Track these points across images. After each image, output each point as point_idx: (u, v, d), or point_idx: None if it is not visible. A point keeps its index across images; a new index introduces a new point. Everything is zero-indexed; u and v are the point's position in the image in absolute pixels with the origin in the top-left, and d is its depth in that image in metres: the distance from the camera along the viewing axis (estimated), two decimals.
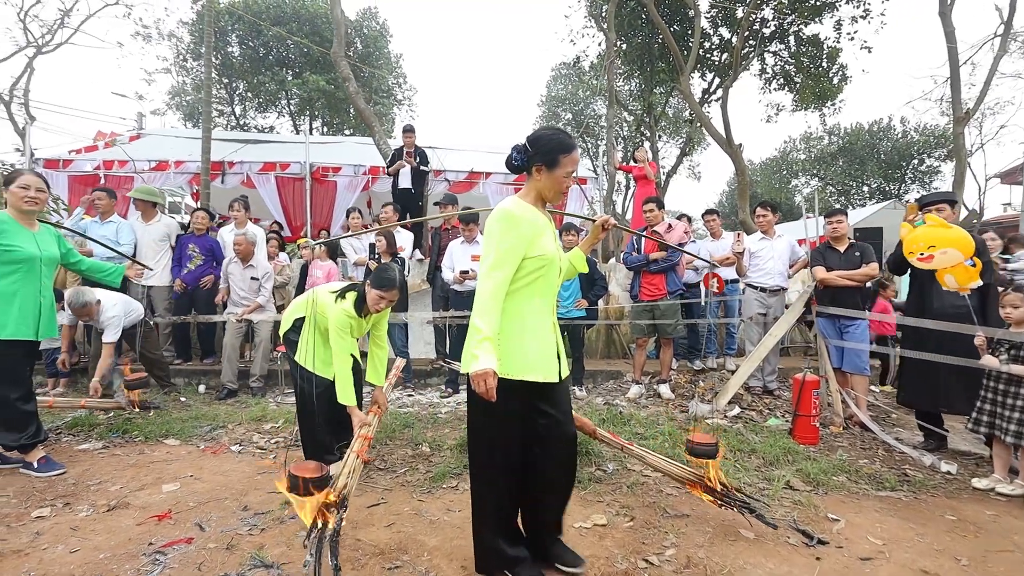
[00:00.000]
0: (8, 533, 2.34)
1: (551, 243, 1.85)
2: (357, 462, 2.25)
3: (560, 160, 1.82)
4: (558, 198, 1.88)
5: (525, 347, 1.78)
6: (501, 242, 1.73)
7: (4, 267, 2.93)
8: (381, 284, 2.78)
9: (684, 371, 5.61)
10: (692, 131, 13.65)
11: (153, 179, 9.10)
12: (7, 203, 3.04)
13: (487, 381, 1.61)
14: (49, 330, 3.14)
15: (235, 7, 16.73)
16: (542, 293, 1.85)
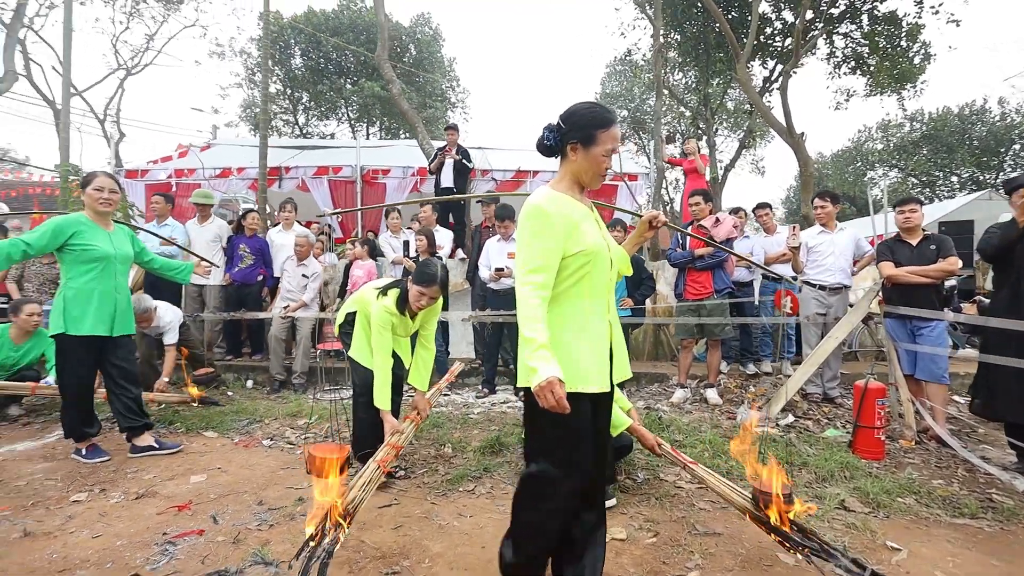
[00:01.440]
0: (45, 515, 2.46)
1: (594, 233, 1.60)
2: (377, 473, 2.17)
3: (597, 136, 1.56)
4: (597, 181, 1.64)
5: (577, 355, 1.54)
6: (534, 243, 1.51)
7: (82, 266, 3.08)
8: (422, 280, 2.70)
9: (735, 375, 5.24)
10: (752, 123, 12.89)
11: (217, 185, 9.68)
12: (84, 205, 3.21)
13: (555, 391, 1.35)
14: (124, 327, 3.26)
15: (297, 21, 17.53)
16: (591, 292, 1.59)
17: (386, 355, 2.77)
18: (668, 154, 8.30)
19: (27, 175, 19.69)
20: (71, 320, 3.04)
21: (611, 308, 1.67)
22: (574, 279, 1.57)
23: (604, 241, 1.64)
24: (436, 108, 20.35)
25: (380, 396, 2.72)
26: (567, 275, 1.56)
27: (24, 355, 4.09)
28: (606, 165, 1.61)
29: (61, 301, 3.06)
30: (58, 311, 3.06)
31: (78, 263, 3.07)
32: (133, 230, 3.55)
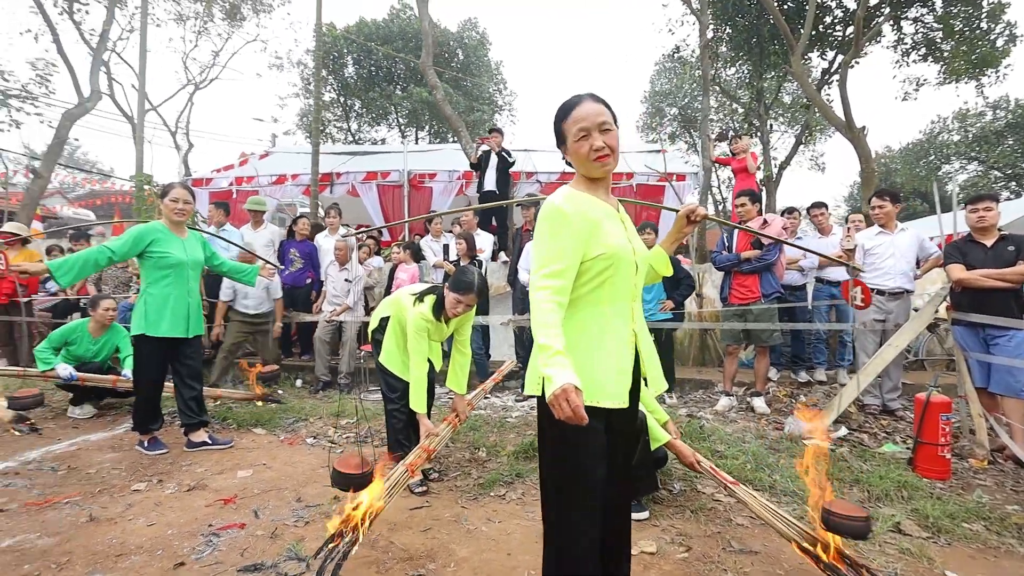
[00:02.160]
0: (110, 502, 2.66)
1: (617, 235, 1.49)
2: (405, 475, 2.19)
3: (564, 129, 1.48)
4: (595, 168, 1.49)
5: (593, 366, 1.43)
6: (550, 244, 1.41)
7: (158, 271, 3.29)
8: (458, 288, 2.69)
9: (785, 383, 5.00)
10: (810, 117, 12.22)
11: (273, 191, 10.19)
12: (161, 213, 3.43)
13: (571, 399, 1.20)
14: (197, 328, 3.48)
15: (349, 32, 18.16)
16: (613, 298, 1.47)
17: (421, 360, 2.77)
18: (720, 153, 8.03)
19: (110, 185, 21.39)
20: (150, 323, 3.24)
21: (637, 316, 1.54)
22: (594, 283, 1.46)
23: (629, 243, 1.52)
24: (483, 111, 20.56)
25: (415, 399, 2.73)
26: (587, 279, 1.46)
27: (101, 348, 4.38)
28: (587, 149, 1.45)
29: (142, 304, 3.28)
30: (139, 314, 3.27)
31: (155, 269, 3.27)
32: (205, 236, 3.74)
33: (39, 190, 10.29)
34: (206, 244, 3.61)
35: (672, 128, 21.97)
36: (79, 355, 4.27)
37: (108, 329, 4.40)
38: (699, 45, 8.12)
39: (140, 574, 2.01)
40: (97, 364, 4.34)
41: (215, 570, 2.02)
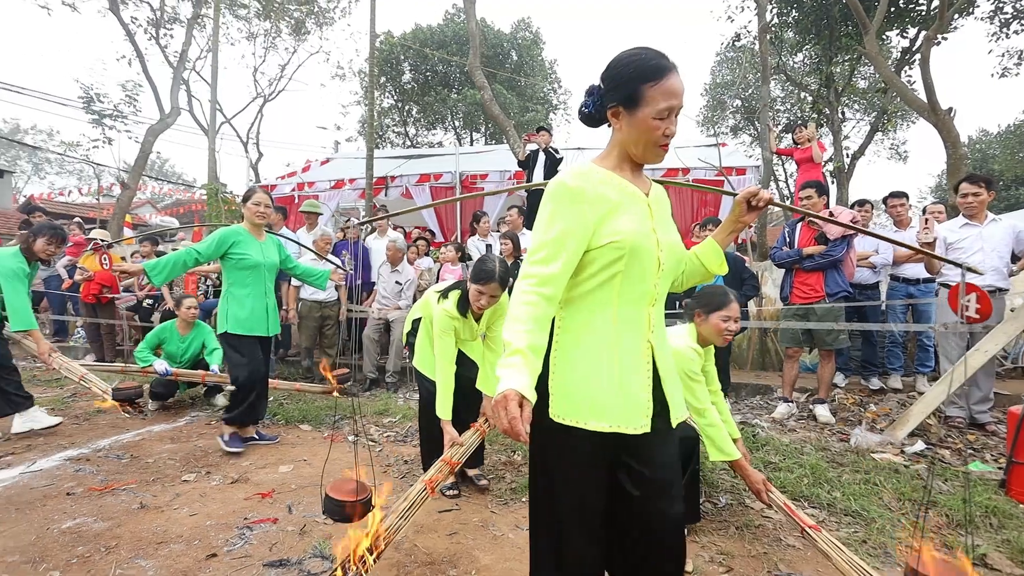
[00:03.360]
0: (160, 491, 2.80)
1: (637, 221, 1.23)
2: (423, 494, 2.04)
3: (644, 93, 1.18)
4: (652, 153, 1.24)
5: (585, 377, 1.20)
6: (548, 227, 1.18)
7: (239, 272, 3.42)
8: (477, 277, 2.50)
9: (855, 390, 4.58)
10: (887, 102, 11.23)
11: (332, 196, 10.61)
12: (243, 217, 3.57)
13: (508, 407, 1.00)
14: (275, 327, 3.60)
15: (405, 39, 18.64)
16: (623, 300, 1.22)
17: (448, 362, 2.60)
18: (787, 145, 7.53)
19: (191, 194, 23.10)
20: (234, 321, 3.38)
21: (656, 324, 1.27)
22: (601, 279, 1.22)
23: (653, 234, 1.24)
24: (537, 111, 20.50)
25: (442, 405, 2.56)
26: (591, 273, 1.22)
27: (189, 345, 4.62)
28: (662, 131, 1.20)
29: (225, 303, 3.43)
30: (223, 313, 3.42)
31: (236, 270, 3.41)
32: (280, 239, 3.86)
33: (127, 200, 11.24)
34: (281, 247, 3.73)
35: (734, 120, 20.99)
36: (171, 352, 4.53)
37: (194, 327, 4.62)
38: (758, 28, 7.65)
39: (175, 562, 2.08)
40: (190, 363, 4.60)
41: (243, 563, 2.07)
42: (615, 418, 1.20)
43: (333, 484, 1.71)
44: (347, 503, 1.66)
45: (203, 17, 13.54)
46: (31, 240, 3.65)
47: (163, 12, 13.23)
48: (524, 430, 0.99)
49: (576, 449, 1.21)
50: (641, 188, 1.30)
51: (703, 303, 2.29)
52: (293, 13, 16.67)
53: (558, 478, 1.24)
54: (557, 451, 1.22)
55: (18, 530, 2.34)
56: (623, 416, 1.20)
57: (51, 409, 4.30)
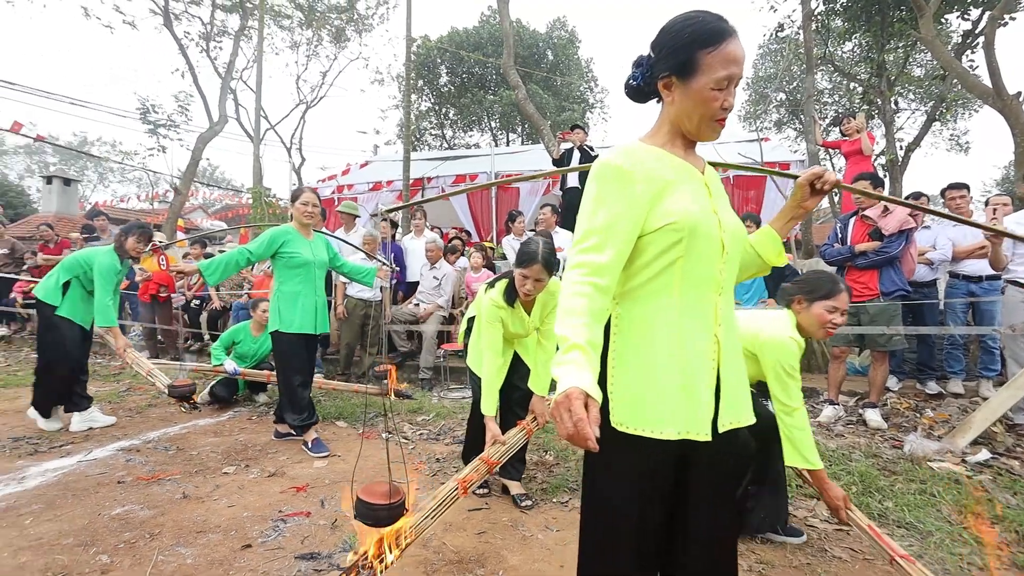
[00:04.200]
0: (203, 482, 2.90)
1: (696, 201, 1.11)
2: (455, 493, 1.96)
3: (700, 60, 1.06)
4: (708, 128, 1.12)
5: (648, 380, 1.08)
6: (596, 210, 1.07)
7: (289, 271, 3.45)
8: (521, 260, 2.34)
9: (910, 394, 4.31)
10: (946, 89, 10.56)
11: (371, 198, 10.83)
12: (292, 216, 3.63)
13: (573, 408, 0.88)
14: (323, 325, 3.58)
15: (441, 43, 18.87)
16: (685, 288, 1.10)
17: (495, 354, 2.48)
18: (832, 137, 7.19)
19: (238, 199, 24.08)
20: (284, 319, 3.43)
21: (723, 316, 1.14)
22: (659, 266, 1.10)
23: (715, 215, 1.13)
24: (574, 111, 20.38)
25: (487, 400, 2.45)
26: (648, 260, 1.10)
27: (260, 346, 4.75)
28: (720, 103, 1.08)
29: (275, 302, 3.49)
30: (274, 310, 3.48)
31: (286, 268, 3.47)
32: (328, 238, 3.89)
33: (179, 205, 11.79)
34: (330, 246, 3.76)
35: (778, 115, 20.27)
36: (243, 352, 4.68)
37: (266, 329, 4.76)
38: (802, 16, 7.33)
39: (212, 551, 2.14)
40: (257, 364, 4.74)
41: (275, 555, 2.11)
42: (683, 423, 1.07)
43: (365, 487, 1.67)
44: (379, 508, 1.62)
45: (249, 29, 14.08)
46: (123, 239, 3.88)
47: (213, 26, 13.83)
48: (593, 434, 0.87)
49: (641, 461, 1.08)
50: (696, 166, 1.18)
51: (806, 289, 2.06)
52: (334, 21, 17.14)
53: (619, 494, 1.11)
54: (619, 464, 1.09)
55: (73, 514, 2.46)
56: (691, 421, 1.08)
57: (107, 403, 4.54)
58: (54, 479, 2.92)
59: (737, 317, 1.26)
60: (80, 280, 3.82)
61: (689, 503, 1.14)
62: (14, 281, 7.99)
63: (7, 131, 12.82)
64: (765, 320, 2.10)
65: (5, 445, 3.44)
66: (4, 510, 2.51)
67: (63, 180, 17.67)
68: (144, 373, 4.12)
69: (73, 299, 3.80)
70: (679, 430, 1.07)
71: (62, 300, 3.77)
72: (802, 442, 1.96)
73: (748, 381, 1.25)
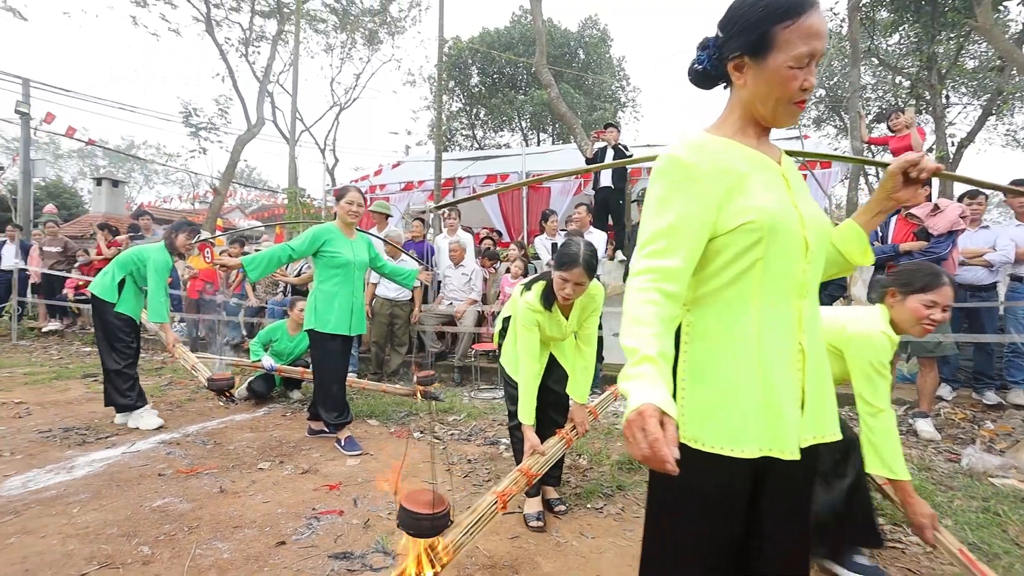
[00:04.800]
0: (239, 476, 2.95)
1: (775, 195, 1.02)
2: (494, 507, 1.85)
3: (777, 36, 0.97)
4: (785, 112, 1.02)
5: (733, 394, 1.00)
6: (662, 211, 0.99)
7: (329, 271, 3.42)
8: (560, 263, 2.22)
9: (965, 404, 4.07)
10: (1003, 81, 9.97)
11: (402, 198, 10.94)
12: (335, 215, 3.61)
13: (648, 428, 0.79)
14: (359, 327, 3.55)
15: (472, 43, 18.94)
16: (765, 293, 1.01)
17: (532, 360, 2.37)
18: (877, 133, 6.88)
19: (274, 199, 24.71)
20: (320, 319, 3.42)
21: (807, 322, 1.05)
22: (735, 270, 1.01)
23: (795, 209, 1.03)
24: (605, 110, 20.17)
25: (523, 408, 2.33)
26: (723, 264, 1.02)
27: (297, 345, 4.82)
28: (797, 83, 0.98)
29: (313, 300, 3.49)
30: (311, 309, 3.48)
31: (327, 267, 3.46)
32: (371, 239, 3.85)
33: (219, 205, 12.17)
34: (371, 246, 3.73)
35: (817, 111, 19.60)
36: (279, 350, 4.76)
37: (302, 327, 4.85)
38: (847, 7, 7.04)
39: (248, 547, 2.16)
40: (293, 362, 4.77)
41: (309, 552, 2.11)
42: (765, 440, 0.98)
43: (409, 495, 1.62)
44: (423, 517, 1.57)
45: (286, 33, 14.43)
46: (173, 236, 4.00)
47: (251, 31, 14.23)
48: (672, 454, 0.78)
49: (715, 480, 1.00)
50: (771, 156, 1.09)
51: (901, 281, 1.89)
52: (367, 24, 17.41)
53: (689, 515, 1.04)
54: (691, 483, 0.98)
55: (117, 505, 2.53)
56: (774, 438, 0.99)
57: (150, 396, 4.68)
58: (100, 469, 3.01)
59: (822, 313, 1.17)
60: (133, 277, 3.94)
61: (764, 521, 1.05)
62: (66, 278, 8.37)
63: (63, 135, 13.47)
64: (853, 314, 1.93)
65: (56, 435, 3.58)
66: (55, 498, 2.61)
67: (112, 182, 18.47)
68: (189, 367, 4.23)
69: (127, 296, 3.91)
70: (760, 447, 0.98)
71: (119, 297, 3.88)
72: (887, 448, 1.78)
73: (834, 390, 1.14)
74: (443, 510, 1.58)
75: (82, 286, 8.01)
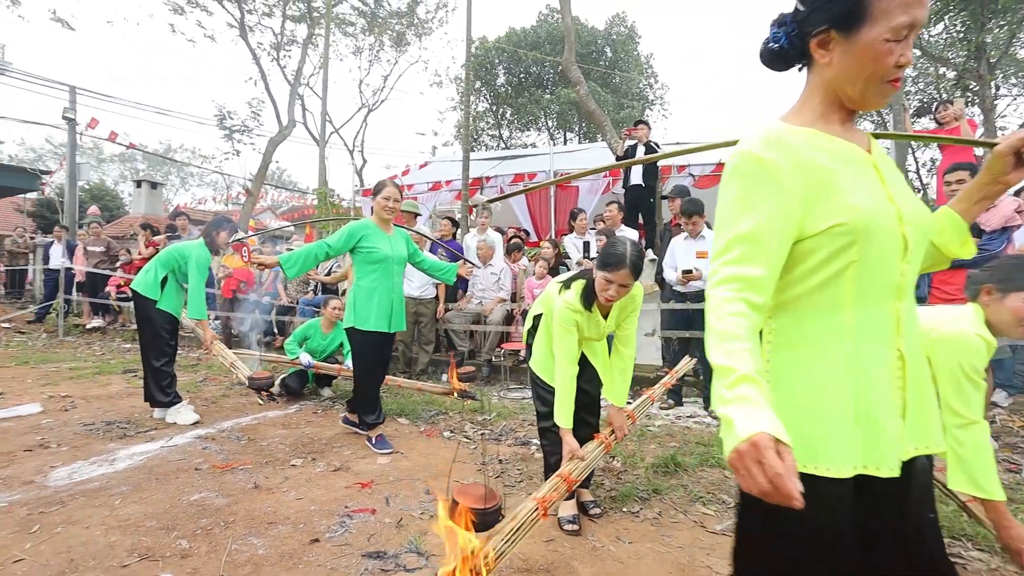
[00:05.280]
0: (272, 473, 2.97)
1: (869, 191, 0.93)
2: (535, 514, 1.81)
3: (870, 5, 0.87)
4: (878, 94, 0.93)
5: (823, 408, 0.91)
6: (740, 215, 0.91)
7: (367, 266, 3.37)
8: (605, 263, 2.12)
9: (1022, 411, 3.84)
10: None
11: (430, 197, 11.00)
12: (372, 211, 3.56)
13: (766, 460, 0.72)
14: (399, 323, 3.50)
15: (499, 43, 18.95)
16: (860, 298, 0.92)
17: (570, 362, 2.28)
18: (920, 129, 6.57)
19: (303, 201, 25.19)
20: (359, 316, 3.39)
21: (905, 326, 0.95)
22: (823, 275, 0.92)
23: (891, 204, 0.93)
24: (633, 108, 19.94)
25: (561, 412, 2.25)
26: (810, 268, 0.93)
27: (330, 343, 4.89)
28: (893, 59, 0.88)
29: (352, 298, 3.46)
30: (350, 307, 3.45)
31: (365, 264, 3.42)
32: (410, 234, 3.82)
33: (251, 206, 12.45)
34: (410, 241, 3.68)
35: None
36: (312, 348, 4.81)
37: (335, 326, 4.84)
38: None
39: (283, 543, 2.16)
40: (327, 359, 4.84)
41: (343, 551, 2.10)
42: (861, 457, 0.89)
43: (460, 489, 1.61)
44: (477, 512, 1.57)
45: (316, 36, 14.68)
46: (213, 233, 4.08)
47: (283, 36, 14.53)
48: (797, 487, 0.71)
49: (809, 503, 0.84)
50: (859, 143, 0.98)
51: (998, 277, 1.69)
52: (395, 26, 17.59)
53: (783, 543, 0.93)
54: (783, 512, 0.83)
55: (156, 498, 2.58)
56: (871, 454, 0.89)
57: (186, 392, 4.79)
58: (140, 462, 3.08)
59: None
60: (175, 274, 4.01)
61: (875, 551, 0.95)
62: (109, 277, 8.67)
63: (105, 139, 13.99)
64: (941, 314, 1.76)
65: (99, 428, 3.68)
66: (98, 489, 2.67)
67: (150, 184, 19.11)
68: (228, 364, 4.31)
69: (169, 293, 3.98)
70: (855, 464, 0.89)
71: (161, 294, 3.95)
72: (978, 465, 1.58)
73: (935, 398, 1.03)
74: (495, 504, 1.56)
75: (123, 285, 8.29)
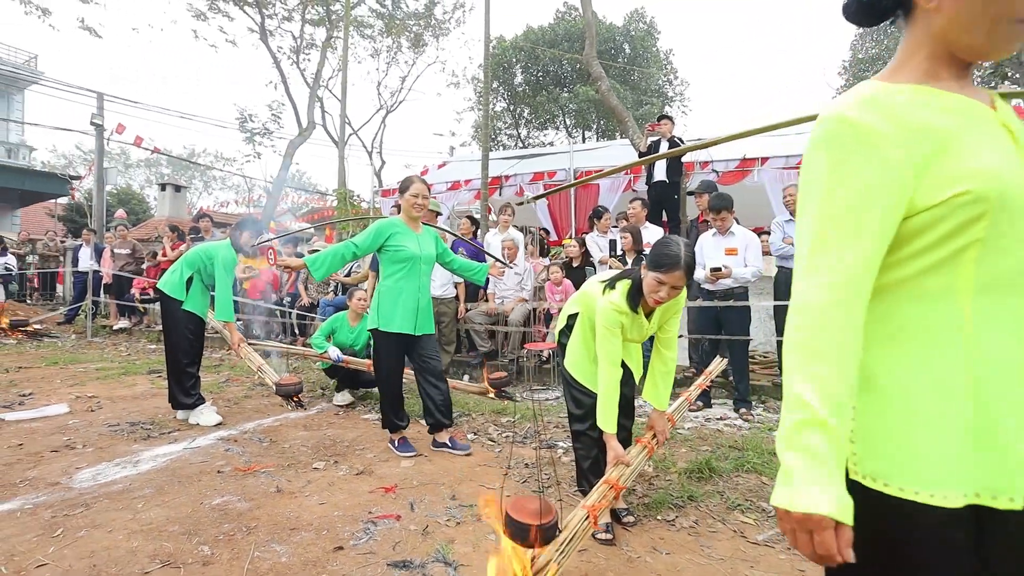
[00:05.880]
0: (294, 476, 2.91)
1: (999, 152, 0.75)
2: (586, 523, 1.75)
3: None
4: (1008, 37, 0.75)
5: (928, 418, 0.73)
6: (832, 191, 0.75)
7: (393, 266, 3.29)
8: (658, 264, 2.01)
9: None
10: None
11: (449, 197, 10.96)
12: (399, 209, 3.51)
13: (821, 540, 0.67)
14: (426, 326, 3.38)
15: (516, 42, 18.87)
16: (981, 286, 0.75)
17: (613, 365, 2.19)
18: None
19: (324, 203, 25.43)
20: (383, 317, 3.26)
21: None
22: (937, 256, 0.75)
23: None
24: (652, 104, 19.69)
25: (605, 416, 2.17)
26: (923, 247, 0.75)
27: (358, 336, 4.78)
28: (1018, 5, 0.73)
29: (377, 297, 3.38)
30: (374, 307, 3.38)
31: (391, 263, 3.33)
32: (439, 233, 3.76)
33: (271, 208, 12.56)
34: (439, 240, 3.60)
35: None
36: (340, 342, 4.74)
37: (362, 319, 4.71)
38: None
39: (306, 551, 2.09)
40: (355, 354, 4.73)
41: (368, 559, 2.02)
42: (975, 481, 0.72)
43: (513, 503, 1.52)
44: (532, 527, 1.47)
45: (335, 39, 14.77)
46: (238, 234, 4.05)
47: (302, 39, 14.65)
48: (848, 557, 0.68)
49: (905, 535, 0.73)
50: (980, 100, 0.80)
51: None
52: (412, 28, 17.62)
53: None
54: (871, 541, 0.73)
55: (178, 502, 2.53)
56: (986, 476, 0.72)
57: (208, 393, 4.78)
58: (163, 464, 3.05)
59: None
60: (200, 274, 3.98)
61: None
62: (134, 279, 8.80)
63: (132, 144, 14.27)
64: None
65: (124, 429, 3.68)
66: (121, 492, 2.64)
67: (175, 187, 19.47)
68: (255, 368, 4.26)
69: (195, 293, 3.96)
70: (967, 491, 0.71)
71: (186, 295, 3.93)
72: None
73: None
74: (551, 519, 1.47)
75: (147, 286, 8.41)
